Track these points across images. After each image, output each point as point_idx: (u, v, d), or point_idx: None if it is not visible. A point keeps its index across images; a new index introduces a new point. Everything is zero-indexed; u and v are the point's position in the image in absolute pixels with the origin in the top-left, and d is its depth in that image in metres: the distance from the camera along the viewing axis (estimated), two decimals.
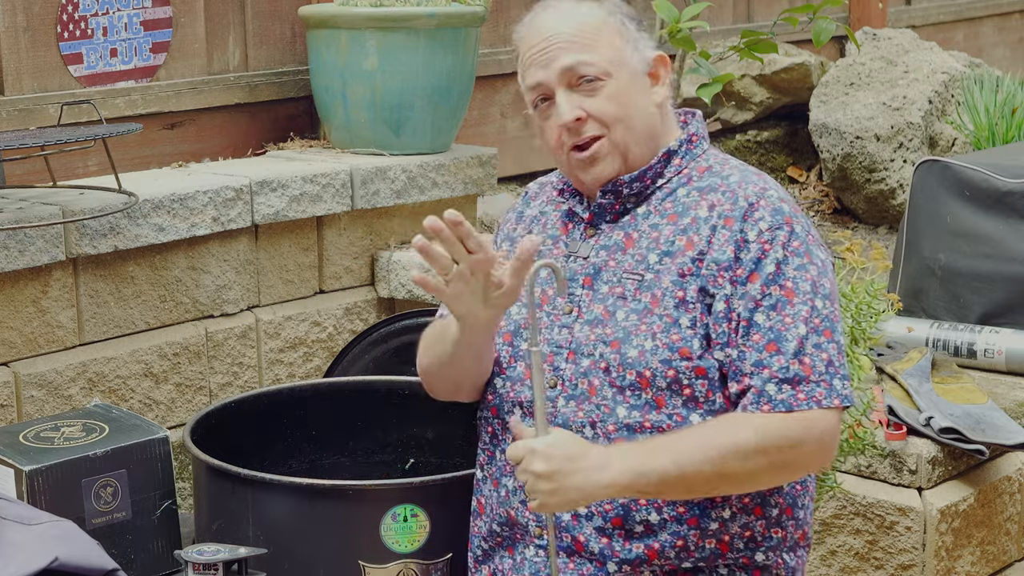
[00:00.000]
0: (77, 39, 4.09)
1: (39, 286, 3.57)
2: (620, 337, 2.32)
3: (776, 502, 2.36)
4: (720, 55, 4.43)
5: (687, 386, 2.30)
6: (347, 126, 4.33)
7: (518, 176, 5.25)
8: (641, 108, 2.40)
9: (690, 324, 2.30)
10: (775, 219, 2.31)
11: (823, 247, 2.38)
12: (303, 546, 2.70)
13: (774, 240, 2.30)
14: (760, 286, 2.28)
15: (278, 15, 4.56)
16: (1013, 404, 3.53)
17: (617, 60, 2.38)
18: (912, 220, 4.03)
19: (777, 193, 2.37)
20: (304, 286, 4.13)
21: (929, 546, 3.28)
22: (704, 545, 2.33)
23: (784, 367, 2.25)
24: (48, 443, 3.05)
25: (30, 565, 2.28)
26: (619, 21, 2.41)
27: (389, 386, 3.26)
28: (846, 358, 2.34)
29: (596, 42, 2.37)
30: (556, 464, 2.18)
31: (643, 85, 2.42)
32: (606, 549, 2.33)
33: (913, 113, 5.25)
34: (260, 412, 3.19)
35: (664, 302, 2.31)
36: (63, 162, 3.90)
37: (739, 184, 2.37)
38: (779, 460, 2.25)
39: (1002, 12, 7.44)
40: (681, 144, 2.44)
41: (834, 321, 2.30)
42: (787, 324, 2.26)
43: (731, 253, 2.30)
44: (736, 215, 2.32)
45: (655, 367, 2.29)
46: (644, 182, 2.41)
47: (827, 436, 2.27)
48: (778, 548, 2.37)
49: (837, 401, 2.27)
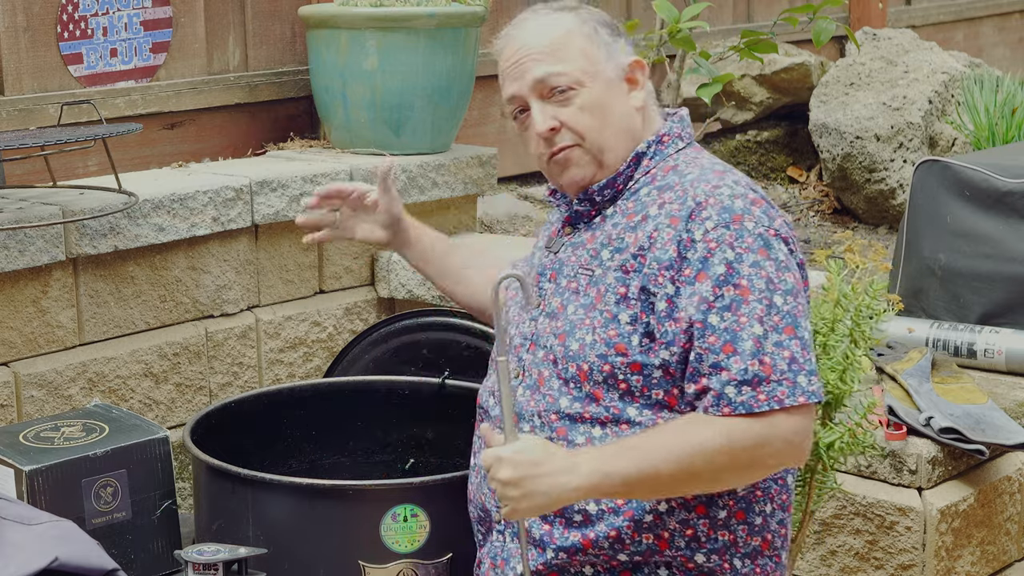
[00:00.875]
0: (77, 39, 4.09)
1: (39, 286, 3.57)
2: (566, 330, 2.37)
3: (724, 504, 2.34)
4: (720, 55, 4.44)
5: (622, 381, 2.31)
6: (347, 126, 4.34)
7: (518, 176, 5.25)
8: (617, 114, 2.42)
9: (629, 320, 2.31)
10: (722, 217, 2.29)
11: (789, 242, 2.35)
12: (303, 546, 2.70)
13: (720, 239, 2.27)
14: (711, 287, 2.26)
15: (278, 15, 4.56)
16: (1013, 404, 3.53)
17: (589, 69, 2.40)
18: (912, 220, 4.03)
19: (732, 191, 2.33)
20: (304, 286, 4.13)
21: (929, 546, 3.28)
22: (640, 539, 2.33)
23: (743, 368, 2.23)
24: (48, 443, 3.05)
25: (30, 565, 2.29)
26: (591, 29, 2.43)
27: (389, 386, 3.26)
28: (811, 350, 2.29)
29: (567, 53, 2.40)
30: (522, 470, 2.22)
31: (619, 91, 2.44)
32: (546, 535, 2.37)
33: (913, 113, 5.25)
34: (260, 412, 3.19)
35: (606, 298, 2.34)
36: (63, 162, 3.90)
37: (692, 183, 2.36)
38: (745, 460, 2.24)
39: (1002, 12, 7.44)
40: (650, 145, 2.45)
41: (797, 316, 2.27)
42: (742, 324, 2.24)
43: (673, 252, 2.29)
44: (682, 214, 2.31)
45: (592, 361, 2.32)
46: (615, 188, 2.44)
47: (795, 435, 2.24)
48: (725, 552, 2.35)
49: (803, 399, 2.23)
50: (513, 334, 2.49)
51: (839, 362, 2.84)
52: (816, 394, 2.26)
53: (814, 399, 2.25)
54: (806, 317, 2.30)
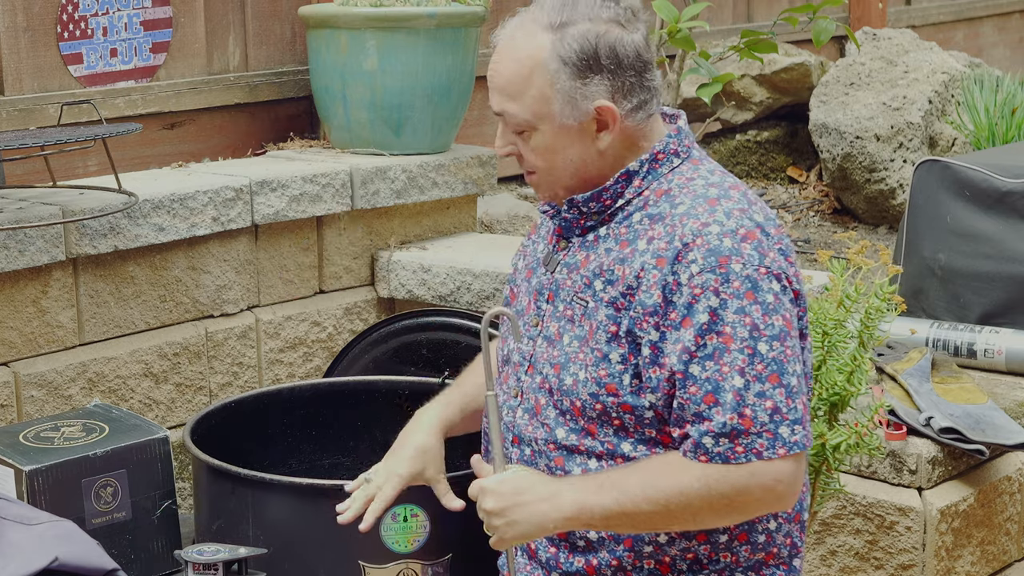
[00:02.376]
0: (77, 39, 4.09)
1: (39, 286, 3.56)
2: (561, 362, 2.33)
3: (725, 529, 2.32)
4: (720, 55, 4.43)
5: (616, 418, 2.29)
6: (347, 126, 4.33)
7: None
8: (567, 159, 2.32)
9: (620, 360, 2.27)
10: (707, 261, 2.21)
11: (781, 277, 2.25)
12: (303, 546, 2.70)
13: (705, 285, 2.20)
14: (694, 336, 2.20)
15: (278, 15, 4.56)
16: (1013, 404, 3.53)
17: (541, 113, 2.29)
18: (912, 220, 4.03)
19: (721, 228, 2.23)
20: (304, 286, 4.13)
21: (929, 546, 3.28)
22: (642, 566, 2.33)
23: (721, 423, 2.19)
24: (48, 443, 3.05)
25: (30, 565, 2.28)
26: (556, 69, 2.27)
27: (389, 386, 3.26)
28: (802, 397, 2.23)
29: (524, 92, 2.29)
30: (505, 500, 2.27)
31: (573, 137, 2.31)
32: (552, 559, 2.38)
33: (913, 113, 5.25)
34: (260, 412, 3.19)
35: (597, 335, 2.29)
36: (63, 162, 3.90)
37: (681, 219, 2.26)
38: (724, 506, 2.22)
39: (1002, 12, 7.45)
40: (642, 164, 2.34)
41: (783, 362, 2.20)
42: (724, 374, 2.19)
43: (658, 298, 2.23)
44: (669, 256, 2.24)
45: (584, 399, 2.30)
46: (602, 202, 2.35)
47: (778, 484, 2.21)
48: (725, 570, 2.35)
49: (783, 451, 2.19)
50: (512, 349, 2.47)
51: (847, 364, 2.83)
52: (799, 444, 2.20)
53: (796, 450, 2.20)
54: (796, 360, 2.24)
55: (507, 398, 2.45)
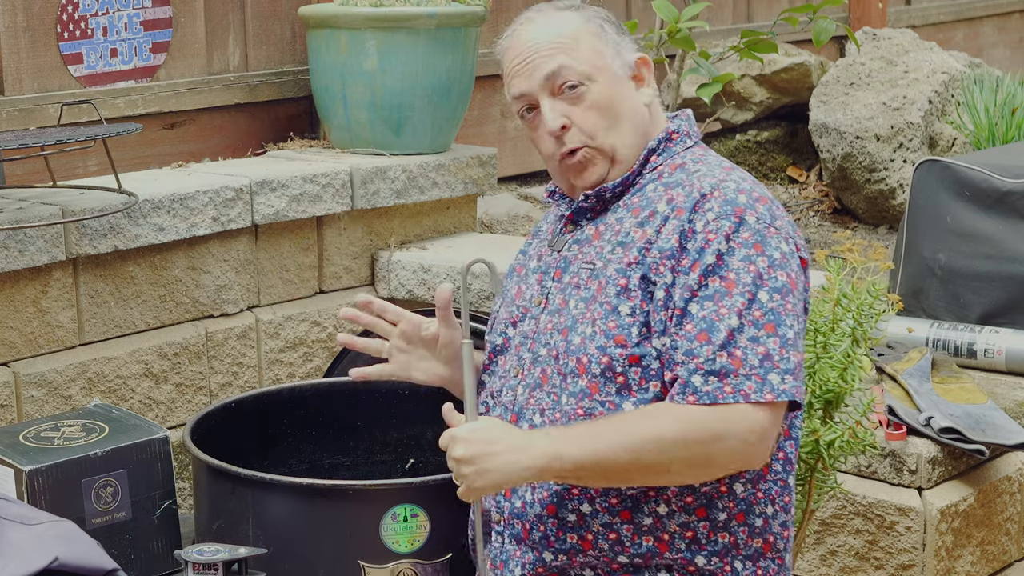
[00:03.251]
0: (77, 39, 4.09)
1: (39, 286, 3.57)
2: (568, 325, 2.36)
3: (725, 505, 2.32)
4: (720, 55, 4.44)
5: (620, 374, 2.30)
6: (347, 126, 4.34)
7: (518, 176, 5.25)
8: (627, 109, 2.43)
9: (629, 312, 2.30)
10: (723, 209, 2.29)
11: (790, 240, 2.34)
12: (303, 546, 2.70)
13: (718, 230, 2.27)
14: (699, 276, 2.25)
15: (278, 15, 4.56)
16: (1013, 404, 3.53)
17: (599, 64, 2.41)
18: (912, 220, 4.03)
19: (737, 185, 2.33)
20: (304, 286, 4.13)
21: (929, 546, 3.28)
22: (640, 541, 2.32)
23: (710, 359, 2.21)
24: (48, 443, 3.05)
25: (30, 565, 2.29)
26: (597, 26, 2.44)
27: (389, 386, 3.26)
28: (796, 352, 2.24)
29: (576, 48, 2.40)
30: (476, 448, 2.24)
31: (627, 88, 2.45)
32: (544, 538, 2.36)
33: (913, 113, 5.25)
34: (260, 412, 3.19)
35: (607, 289, 2.33)
36: (63, 162, 3.90)
37: (699, 177, 2.37)
38: (699, 453, 2.21)
39: (1002, 12, 7.45)
40: (660, 142, 2.45)
41: (782, 315, 2.24)
42: (721, 315, 2.22)
43: (675, 242, 2.29)
44: (687, 205, 2.31)
45: (591, 353, 2.31)
46: (625, 184, 2.44)
47: (753, 434, 2.20)
48: (726, 554, 2.33)
49: (770, 396, 2.19)
50: (513, 334, 2.49)
51: (840, 360, 2.84)
52: (787, 393, 2.21)
53: (784, 397, 2.21)
54: (795, 317, 2.27)
55: (507, 379, 2.46)
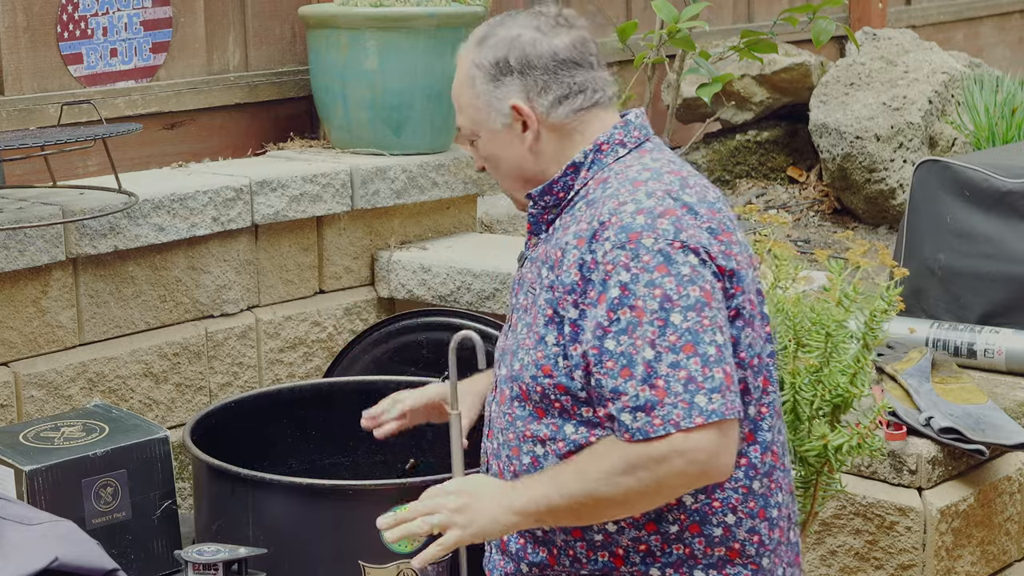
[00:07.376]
0: (77, 39, 4.09)
1: (39, 286, 3.57)
2: (513, 350, 2.40)
3: (676, 518, 2.33)
4: (720, 55, 4.44)
5: (555, 400, 2.33)
6: (347, 126, 4.34)
7: None
8: (505, 159, 2.44)
9: (555, 342, 2.31)
10: (619, 238, 2.25)
11: (700, 252, 2.26)
12: (303, 546, 2.70)
13: (616, 261, 2.24)
14: (606, 311, 2.23)
15: (278, 15, 4.56)
16: (1013, 404, 3.53)
17: (477, 120, 2.42)
18: (912, 220, 4.03)
19: (637, 206, 2.27)
20: (304, 286, 4.13)
21: (929, 546, 3.28)
22: (596, 557, 2.36)
23: (635, 395, 2.20)
24: (48, 443, 3.05)
25: (30, 565, 2.29)
26: (474, 76, 2.40)
27: (389, 386, 3.26)
28: (722, 367, 2.21)
29: (461, 103, 2.44)
30: (465, 498, 2.33)
31: (506, 140, 2.42)
32: (520, 551, 2.42)
33: (913, 113, 5.25)
34: (260, 412, 3.20)
35: (538, 319, 2.35)
36: (63, 162, 3.90)
37: (603, 201, 2.32)
38: (649, 481, 2.22)
39: (1002, 12, 7.45)
40: (587, 155, 2.40)
41: (700, 332, 2.21)
42: (637, 347, 2.21)
43: (576, 276, 2.28)
44: (587, 235, 2.29)
45: (527, 382, 2.34)
46: (555, 194, 2.42)
47: (700, 454, 2.19)
48: (682, 565, 2.34)
49: (700, 419, 2.17)
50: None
51: (849, 365, 2.83)
52: (717, 412, 2.19)
53: (714, 418, 2.18)
54: (716, 330, 2.23)
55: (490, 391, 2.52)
